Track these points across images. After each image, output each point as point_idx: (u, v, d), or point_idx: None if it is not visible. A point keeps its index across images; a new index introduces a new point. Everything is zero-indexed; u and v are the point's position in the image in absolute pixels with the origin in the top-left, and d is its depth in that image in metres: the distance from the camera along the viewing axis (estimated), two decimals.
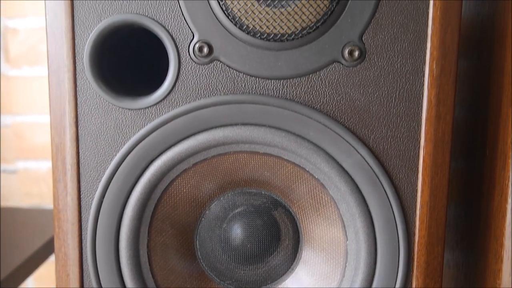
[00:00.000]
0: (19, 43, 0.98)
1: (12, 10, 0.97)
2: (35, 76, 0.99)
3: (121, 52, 0.48)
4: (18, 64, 0.98)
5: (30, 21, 0.97)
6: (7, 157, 1.02)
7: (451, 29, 0.42)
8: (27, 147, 1.01)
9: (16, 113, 1.00)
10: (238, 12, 0.42)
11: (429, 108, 0.43)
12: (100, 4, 0.43)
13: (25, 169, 1.02)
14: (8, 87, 0.99)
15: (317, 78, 0.43)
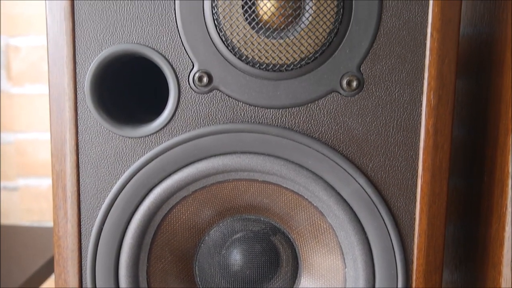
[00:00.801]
0: (21, 61, 0.99)
1: (14, 28, 0.98)
2: (37, 94, 0.99)
3: (122, 76, 0.49)
4: (20, 81, 0.99)
5: (32, 39, 0.98)
6: (9, 174, 1.02)
7: (448, 60, 0.42)
8: (29, 164, 1.01)
9: (18, 131, 1.00)
10: (238, 43, 0.42)
11: (427, 137, 0.43)
12: (101, 34, 0.44)
13: (26, 186, 1.02)
14: (10, 105, 1.00)
15: (315, 107, 0.44)
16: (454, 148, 0.59)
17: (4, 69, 0.99)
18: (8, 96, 1.00)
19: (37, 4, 0.97)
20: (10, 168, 1.02)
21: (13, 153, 1.01)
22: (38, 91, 0.99)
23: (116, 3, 0.43)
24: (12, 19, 0.98)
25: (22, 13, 0.97)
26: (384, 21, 0.42)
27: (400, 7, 0.42)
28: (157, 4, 0.43)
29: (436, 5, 0.42)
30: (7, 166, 1.02)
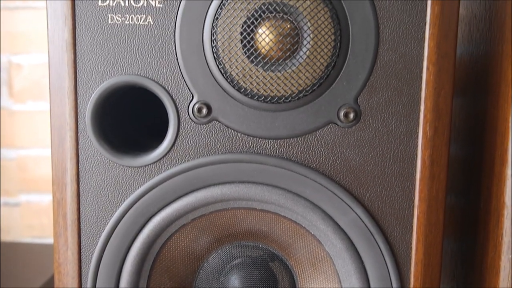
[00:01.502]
0: (23, 78, 0.99)
1: (17, 46, 0.99)
2: (38, 111, 1.00)
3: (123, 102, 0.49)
4: (22, 98, 1.00)
5: (34, 57, 0.99)
6: (10, 190, 1.03)
7: (444, 92, 0.43)
8: (30, 180, 1.02)
9: (20, 147, 1.01)
10: (236, 75, 0.43)
11: (423, 168, 0.44)
12: (102, 65, 0.44)
13: (27, 202, 1.03)
14: (12, 121, 1.01)
15: (313, 138, 0.44)
16: (454, 164, 0.59)
17: (6, 86, 1.00)
18: (10, 113, 1.00)
19: (40, 22, 0.98)
20: (11, 184, 1.03)
21: (14, 169, 1.02)
22: (39, 108, 1.00)
23: (117, 35, 0.44)
24: (14, 37, 0.99)
25: (24, 31, 0.98)
26: (381, 54, 0.43)
27: (397, 41, 0.43)
28: (158, 36, 0.44)
29: (432, 39, 0.42)
30: (8, 182, 1.02)
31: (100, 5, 0.44)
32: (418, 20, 0.42)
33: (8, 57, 0.99)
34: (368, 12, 0.42)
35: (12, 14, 0.98)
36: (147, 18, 0.44)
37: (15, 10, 0.98)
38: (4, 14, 0.98)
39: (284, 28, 0.42)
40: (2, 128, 1.01)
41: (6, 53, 0.99)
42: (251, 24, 0.42)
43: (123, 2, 0.44)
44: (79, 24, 0.44)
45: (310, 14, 0.42)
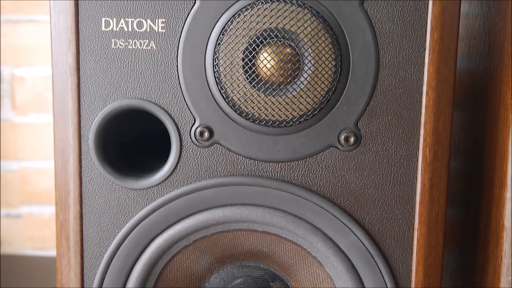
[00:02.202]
0: (25, 91, 1.00)
1: (19, 59, 0.99)
2: (41, 123, 1.00)
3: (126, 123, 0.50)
4: (24, 111, 1.00)
5: (37, 70, 0.99)
6: (12, 202, 1.03)
7: (444, 116, 0.44)
8: (32, 192, 1.02)
9: (22, 159, 1.02)
10: (238, 100, 0.43)
11: (423, 191, 0.44)
12: (105, 89, 0.45)
13: (29, 214, 1.03)
14: (15, 134, 1.01)
15: (314, 161, 0.45)
16: (455, 177, 0.60)
17: (8, 99, 1.00)
18: (13, 125, 1.01)
19: (42, 35, 0.98)
20: (13, 195, 1.03)
21: (16, 181, 1.02)
22: (42, 120, 1.00)
23: (121, 59, 0.44)
24: (17, 50, 0.99)
25: (27, 44, 0.99)
26: (381, 79, 0.43)
27: (397, 66, 0.43)
28: (160, 61, 0.44)
29: (432, 65, 0.43)
30: (10, 194, 1.03)
31: (103, 30, 0.44)
32: (418, 46, 0.43)
33: (11, 69, 1.00)
34: (368, 38, 0.43)
35: (15, 27, 0.99)
36: (150, 43, 0.44)
37: (18, 23, 0.99)
38: (7, 27, 0.99)
39: (285, 53, 0.43)
40: (4, 140, 1.01)
41: (9, 65, 1.00)
42: (253, 50, 0.42)
43: (126, 27, 0.44)
44: (83, 48, 0.45)
45: (311, 41, 0.42)
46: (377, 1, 0.43)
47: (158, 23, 0.44)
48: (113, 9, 0.44)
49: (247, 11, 0.42)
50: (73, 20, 0.44)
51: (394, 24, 0.43)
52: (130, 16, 0.44)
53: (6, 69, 1.00)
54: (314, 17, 0.42)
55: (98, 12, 0.44)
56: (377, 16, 0.43)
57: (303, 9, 0.42)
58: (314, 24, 0.42)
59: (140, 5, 0.44)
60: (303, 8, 0.42)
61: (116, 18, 0.44)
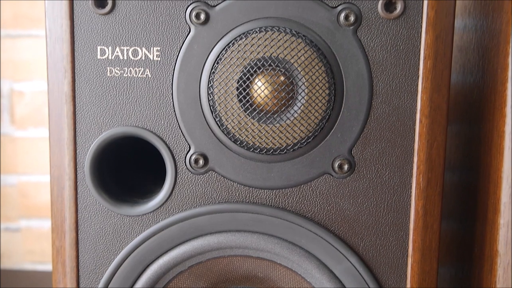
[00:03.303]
0: (24, 105, 1.00)
1: (19, 73, 1.00)
2: (40, 137, 1.01)
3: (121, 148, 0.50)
4: (23, 125, 1.01)
5: (36, 84, 1.00)
6: (11, 216, 1.03)
7: (437, 144, 0.44)
8: (31, 205, 1.03)
9: (21, 173, 1.02)
10: (232, 128, 0.44)
11: (416, 218, 0.45)
12: (101, 117, 0.45)
13: (28, 227, 1.03)
14: (14, 148, 1.02)
15: (308, 188, 0.45)
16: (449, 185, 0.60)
17: (7, 113, 1.01)
18: (12, 140, 1.01)
19: (41, 49, 0.99)
20: (12, 209, 1.03)
21: (15, 194, 1.03)
22: (41, 134, 1.01)
23: (116, 87, 0.45)
24: (16, 64, 1.00)
25: (26, 59, 0.99)
26: (374, 107, 0.44)
27: (390, 94, 0.44)
28: (155, 89, 0.44)
29: (425, 93, 0.43)
30: (9, 208, 1.03)
31: (99, 58, 0.45)
32: (411, 74, 0.43)
33: (10, 84, 1.00)
34: (362, 66, 0.43)
35: (14, 41, 0.99)
36: (145, 71, 0.44)
37: (17, 38, 0.99)
38: (6, 41, 0.99)
39: (279, 81, 0.43)
40: (3, 154, 1.02)
41: (8, 80, 1.00)
42: (247, 79, 0.43)
43: (122, 56, 0.44)
44: (79, 77, 0.45)
45: (305, 70, 0.42)
46: (370, 30, 0.43)
47: (153, 52, 0.44)
48: (108, 37, 0.44)
49: (241, 40, 0.43)
50: (69, 48, 0.45)
51: (388, 52, 0.43)
52: (126, 45, 0.44)
53: (5, 83, 1.00)
54: (308, 46, 0.42)
55: (93, 41, 0.45)
56: (371, 45, 0.43)
57: (296, 38, 0.42)
58: (308, 53, 0.42)
59: (135, 33, 0.44)
60: (297, 37, 0.42)
61: (111, 47, 0.45)
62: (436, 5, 0.42)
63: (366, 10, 0.43)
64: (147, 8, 0.44)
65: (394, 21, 0.43)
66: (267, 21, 0.43)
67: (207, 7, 0.43)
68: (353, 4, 0.43)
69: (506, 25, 0.44)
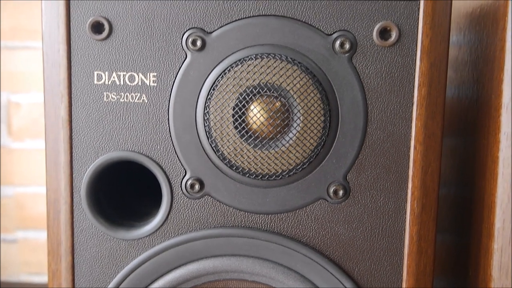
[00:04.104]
0: (21, 117, 1.00)
1: (16, 85, 1.00)
2: (37, 149, 1.01)
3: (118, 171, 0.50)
4: (20, 137, 1.01)
5: (33, 96, 1.00)
6: (8, 227, 1.03)
7: (431, 170, 0.44)
8: (28, 217, 1.03)
9: (18, 184, 1.02)
10: (228, 154, 0.44)
11: (411, 244, 0.45)
12: (97, 141, 0.45)
13: (25, 239, 1.03)
14: (11, 159, 1.02)
15: (303, 213, 0.45)
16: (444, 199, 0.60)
17: (5, 124, 1.01)
18: (9, 151, 1.01)
19: (39, 61, 0.99)
20: (9, 221, 1.03)
21: (12, 206, 1.03)
22: (38, 146, 1.01)
23: (112, 112, 0.45)
24: (14, 76, 1.00)
25: (23, 70, 0.99)
26: (369, 133, 0.44)
27: (385, 121, 0.44)
28: (152, 114, 0.45)
29: (419, 120, 0.43)
30: (6, 219, 1.03)
31: (96, 84, 0.45)
32: (406, 101, 0.44)
33: (7, 95, 1.00)
34: (357, 93, 0.43)
35: (11, 53, 0.99)
36: (142, 96, 0.45)
37: (15, 49, 0.99)
38: (3, 53, 0.99)
39: (275, 107, 0.43)
40: (0, 166, 1.02)
41: (5, 91, 1.00)
42: (243, 106, 0.43)
43: (118, 81, 0.45)
44: (75, 101, 0.45)
45: (300, 97, 0.43)
46: (365, 57, 0.43)
47: (150, 77, 0.44)
48: (105, 63, 0.45)
49: (237, 66, 0.43)
50: (66, 73, 0.45)
51: (382, 79, 0.43)
52: (122, 70, 0.45)
53: (3, 95, 1.00)
54: (303, 73, 0.43)
55: (90, 66, 0.45)
56: (366, 72, 0.43)
57: (292, 65, 0.43)
58: (303, 81, 0.43)
59: (132, 59, 0.44)
60: (293, 64, 0.43)
61: (108, 72, 0.45)
62: (430, 33, 0.43)
63: (361, 38, 0.43)
64: (144, 34, 0.44)
65: (389, 48, 0.43)
66: (263, 48, 0.43)
67: (203, 33, 0.44)
68: (348, 31, 0.43)
69: (500, 52, 0.45)
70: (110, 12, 0.44)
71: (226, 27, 0.43)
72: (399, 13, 0.43)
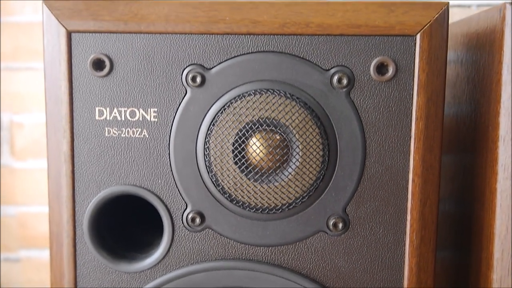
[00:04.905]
0: (24, 137, 1.01)
1: (18, 106, 1.00)
2: (39, 168, 1.01)
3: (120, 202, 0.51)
4: (23, 156, 1.01)
5: (35, 116, 1.00)
6: (11, 246, 1.04)
7: (430, 202, 0.45)
8: (30, 236, 1.03)
9: (20, 204, 1.03)
10: (229, 188, 0.44)
11: (410, 275, 0.45)
12: (99, 176, 0.46)
13: (27, 258, 1.04)
14: (13, 179, 1.02)
15: (303, 246, 0.46)
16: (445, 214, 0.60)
17: (7, 144, 1.02)
18: (11, 171, 1.02)
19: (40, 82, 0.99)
20: (12, 240, 1.04)
21: (15, 225, 1.03)
22: (40, 165, 1.01)
23: (114, 147, 0.46)
24: (16, 97, 1.00)
25: (26, 91, 1.00)
26: (368, 167, 0.44)
27: (383, 154, 0.44)
28: (153, 148, 0.45)
29: (417, 153, 0.44)
30: (9, 238, 1.04)
31: (97, 119, 0.46)
32: (403, 135, 0.44)
33: (10, 116, 1.01)
34: (355, 127, 0.44)
35: (13, 74, 1.00)
36: (143, 131, 0.45)
37: (17, 70, 1.00)
38: (5, 74, 1.00)
39: (274, 141, 0.44)
40: (3, 186, 1.02)
41: (8, 112, 1.01)
42: (242, 142, 0.43)
43: (120, 117, 0.45)
44: (77, 136, 0.46)
45: (299, 132, 0.43)
46: (363, 92, 0.44)
47: (151, 113, 0.45)
48: (106, 99, 0.45)
49: (236, 102, 0.44)
50: (68, 109, 0.45)
51: (380, 114, 0.44)
52: (123, 106, 0.45)
53: (5, 115, 1.01)
54: (302, 108, 0.43)
55: (92, 102, 0.45)
56: (363, 106, 0.44)
57: (291, 100, 0.43)
58: (302, 116, 0.43)
59: (132, 95, 0.45)
60: (291, 99, 0.43)
61: (109, 108, 0.45)
62: (427, 68, 0.43)
63: (359, 73, 0.44)
64: (144, 70, 0.45)
65: (386, 83, 0.44)
66: (262, 84, 0.44)
67: (203, 69, 0.44)
68: (346, 67, 0.44)
69: (497, 85, 0.45)
70: (110, 49, 0.45)
71: (225, 63, 0.44)
72: (396, 48, 0.43)
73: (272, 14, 0.43)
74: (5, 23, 0.99)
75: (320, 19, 0.43)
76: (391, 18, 0.43)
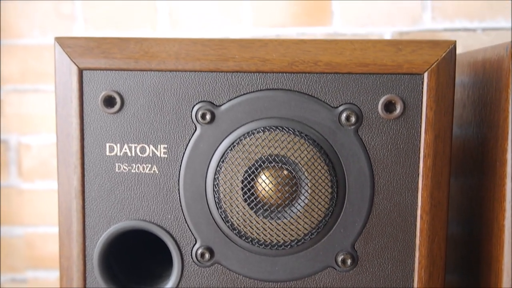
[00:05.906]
0: (31, 158, 1.02)
1: (26, 127, 1.01)
2: (46, 189, 1.02)
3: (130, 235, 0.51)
4: (30, 177, 1.02)
5: (42, 138, 1.01)
6: (18, 267, 1.04)
7: (438, 239, 0.45)
8: (38, 257, 1.04)
9: (27, 224, 1.03)
10: (238, 224, 0.45)
11: None
12: (109, 211, 0.46)
13: (34, 278, 1.04)
14: (21, 200, 1.03)
15: (312, 281, 0.46)
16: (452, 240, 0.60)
17: (15, 165, 1.02)
18: (19, 192, 1.03)
19: (48, 104, 1.00)
20: (19, 260, 1.04)
21: (22, 246, 1.04)
22: (47, 186, 1.02)
23: (124, 182, 0.46)
24: (23, 118, 1.01)
25: (32, 113, 1.01)
26: (376, 203, 0.45)
27: (391, 191, 0.45)
28: (162, 184, 0.46)
29: (425, 190, 0.44)
30: (16, 259, 1.04)
31: (107, 155, 0.46)
32: (411, 172, 0.44)
33: (17, 137, 1.02)
34: (363, 164, 0.44)
35: (21, 96, 1.01)
36: (153, 167, 0.46)
37: (24, 92, 1.01)
38: (13, 96, 1.01)
39: (283, 179, 0.44)
40: (11, 206, 1.03)
41: (15, 133, 1.02)
42: (251, 179, 0.44)
43: (130, 152, 0.46)
44: (88, 172, 0.46)
45: (308, 170, 0.44)
46: (371, 129, 0.44)
47: (160, 149, 0.46)
48: (117, 135, 0.46)
49: (245, 139, 0.44)
50: (79, 145, 0.46)
51: (388, 151, 0.44)
52: (133, 142, 0.46)
53: (13, 137, 1.02)
54: (311, 146, 0.44)
55: (102, 138, 0.46)
56: (371, 144, 0.44)
57: (300, 138, 0.44)
58: (311, 153, 0.44)
59: (143, 131, 0.45)
60: (300, 137, 0.44)
61: (120, 144, 0.46)
62: (434, 106, 0.43)
63: (367, 111, 0.44)
64: (155, 107, 0.45)
65: (394, 121, 0.44)
66: (271, 121, 0.44)
67: (212, 106, 0.45)
68: (354, 104, 0.44)
69: (504, 121, 0.45)
70: (121, 86, 0.45)
71: (235, 100, 0.45)
72: (404, 86, 0.44)
73: (281, 53, 0.44)
74: (13, 45, 1.00)
75: (328, 57, 0.44)
76: (399, 57, 0.43)
